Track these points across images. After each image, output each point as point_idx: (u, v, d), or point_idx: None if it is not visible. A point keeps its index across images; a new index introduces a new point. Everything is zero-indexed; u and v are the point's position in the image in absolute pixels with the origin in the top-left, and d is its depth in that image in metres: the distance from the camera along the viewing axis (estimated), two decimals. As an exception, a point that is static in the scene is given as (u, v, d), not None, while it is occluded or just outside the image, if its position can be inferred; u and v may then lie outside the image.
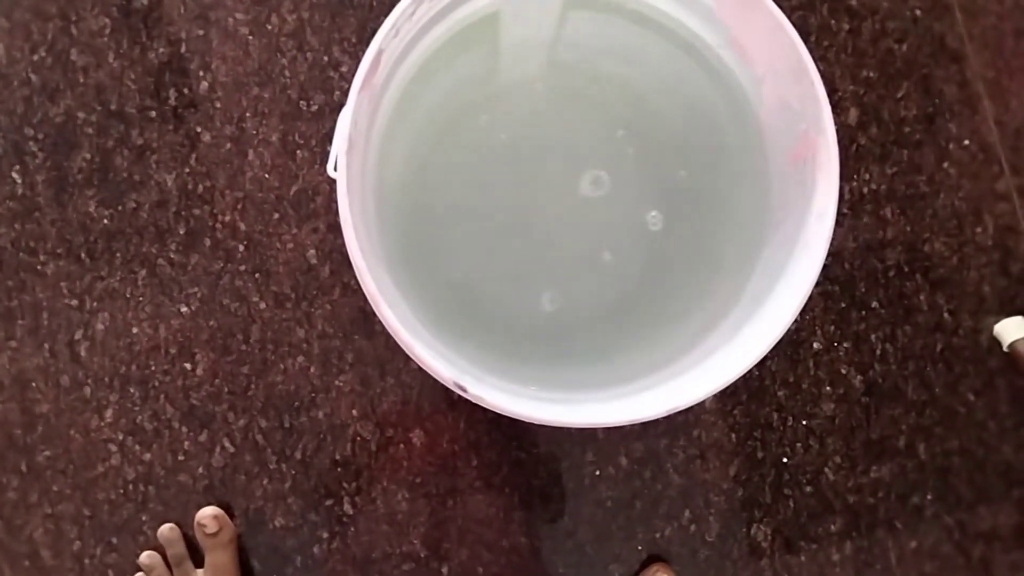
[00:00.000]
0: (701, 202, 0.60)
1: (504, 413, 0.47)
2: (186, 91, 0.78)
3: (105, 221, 0.77)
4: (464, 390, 0.46)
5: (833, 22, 0.82)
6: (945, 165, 0.83)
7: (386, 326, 0.47)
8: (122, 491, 0.76)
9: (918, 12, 0.84)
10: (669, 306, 0.59)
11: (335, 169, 0.50)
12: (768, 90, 0.53)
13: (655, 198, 0.61)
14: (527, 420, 0.47)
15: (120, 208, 0.77)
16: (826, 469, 0.81)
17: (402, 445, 0.78)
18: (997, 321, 0.82)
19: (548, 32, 0.61)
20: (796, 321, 0.66)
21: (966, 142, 0.83)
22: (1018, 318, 0.81)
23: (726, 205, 0.59)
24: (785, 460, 0.81)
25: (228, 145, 0.78)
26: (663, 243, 0.60)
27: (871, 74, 0.83)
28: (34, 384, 0.76)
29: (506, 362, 0.59)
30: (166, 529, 0.75)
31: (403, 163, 0.59)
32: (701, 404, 0.77)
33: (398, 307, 0.49)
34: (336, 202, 0.49)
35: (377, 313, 0.47)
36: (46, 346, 0.76)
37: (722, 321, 0.54)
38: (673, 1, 0.54)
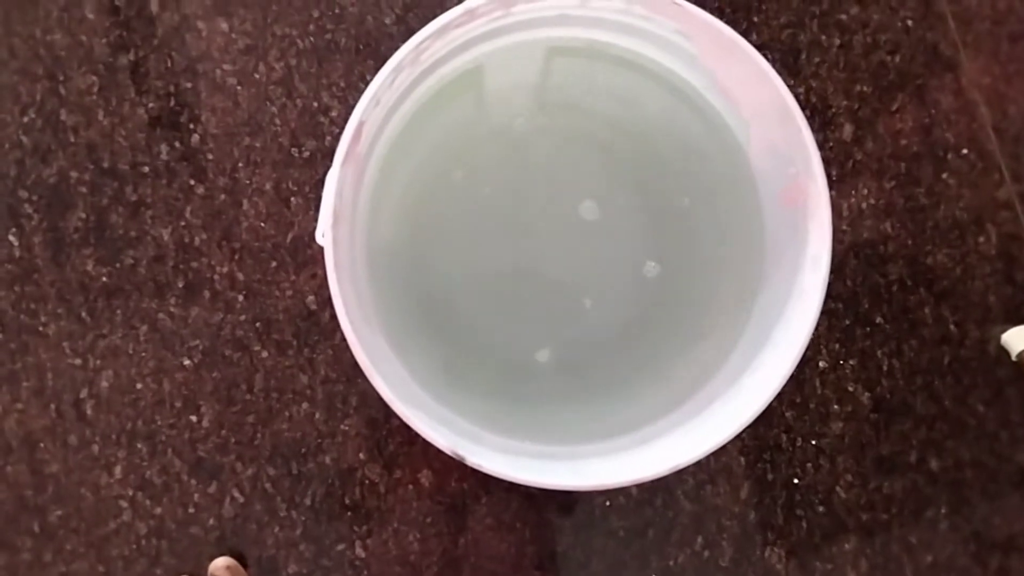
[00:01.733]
0: (696, 244, 0.59)
1: (505, 479, 0.47)
2: (177, 144, 0.78)
3: (104, 279, 0.77)
4: (463, 459, 0.46)
5: (824, 37, 0.81)
6: (944, 176, 0.82)
7: (384, 398, 0.46)
8: (135, 546, 0.76)
9: (910, 22, 0.82)
10: (669, 350, 0.59)
11: (323, 236, 0.50)
12: (756, 132, 0.53)
13: (651, 242, 0.61)
14: (529, 485, 0.47)
15: (118, 265, 0.77)
16: (837, 488, 0.80)
17: (411, 486, 0.78)
18: (1004, 330, 0.81)
19: (533, 78, 0.60)
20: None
21: (964, 151, 0.82)
22: (1025, 327, 0.81)
23: (721, 247, 0.59)
24: (796, 481, 0.80)
25: (222, 196, 0.78)
26: (659, 289, 0.59)
27: (864, 88, 0.82)
28: (42, 445, 0.77)
29: (506, 409, 0.59)
30: (181, 582, 0.75)
31: (394, 221, 0.59)
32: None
33: (394, 374, 0.49)
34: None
35: (374, 386, 0.46)
36: (52, 406, 0.77)
37: (720, 368, 0.53)
38: (656, 47, 0.54)
